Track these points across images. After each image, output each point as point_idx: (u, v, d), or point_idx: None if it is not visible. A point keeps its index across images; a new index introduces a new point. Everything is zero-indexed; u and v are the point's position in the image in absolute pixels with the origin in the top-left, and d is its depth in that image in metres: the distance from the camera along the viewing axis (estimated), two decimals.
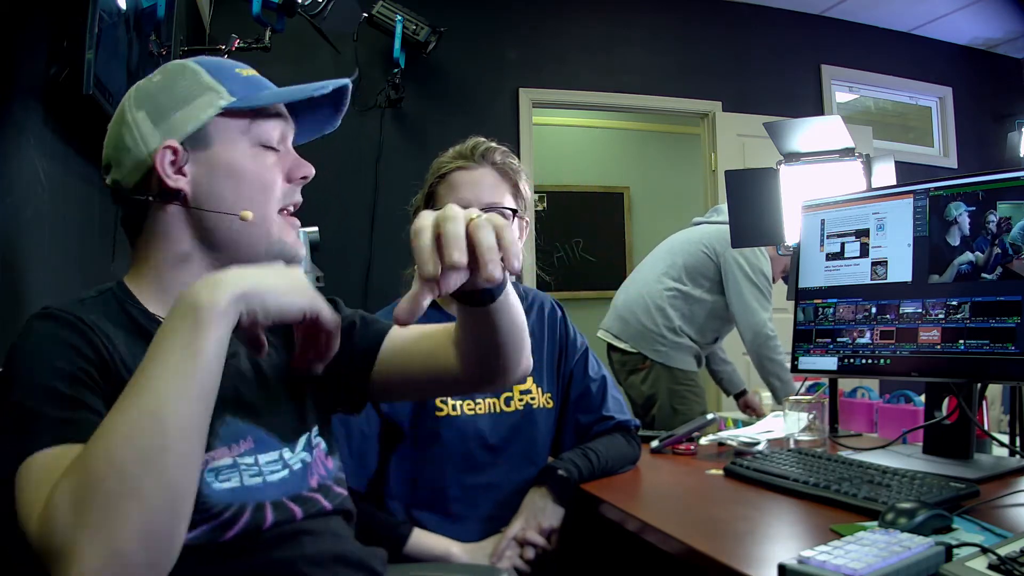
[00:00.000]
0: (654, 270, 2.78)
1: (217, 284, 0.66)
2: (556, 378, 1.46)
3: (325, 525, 0.84)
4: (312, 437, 0.90)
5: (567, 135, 5.32)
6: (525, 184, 1.41)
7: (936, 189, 1.36)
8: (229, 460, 0.78)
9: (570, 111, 4.88)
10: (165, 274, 0.84)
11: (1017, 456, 1.40)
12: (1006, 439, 1.49)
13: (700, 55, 4.31)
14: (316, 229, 2.15)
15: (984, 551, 0.79)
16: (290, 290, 0.71)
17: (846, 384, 2.08)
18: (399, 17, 3.36)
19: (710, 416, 1.76)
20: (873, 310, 1.44)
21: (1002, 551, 0.78)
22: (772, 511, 1.14)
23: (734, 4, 4.41)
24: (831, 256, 1.53)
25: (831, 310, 1.52)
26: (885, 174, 2.02)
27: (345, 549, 0.86)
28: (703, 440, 1.70)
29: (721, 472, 1.37)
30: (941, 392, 1.39)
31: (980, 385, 1.38)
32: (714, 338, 2.78)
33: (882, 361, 1.42)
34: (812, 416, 1.57)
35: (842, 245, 1.51)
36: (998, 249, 1.25)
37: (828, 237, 1.54)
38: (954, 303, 1.31)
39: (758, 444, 1.58)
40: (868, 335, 1.44)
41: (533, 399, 1.41)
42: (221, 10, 3.13)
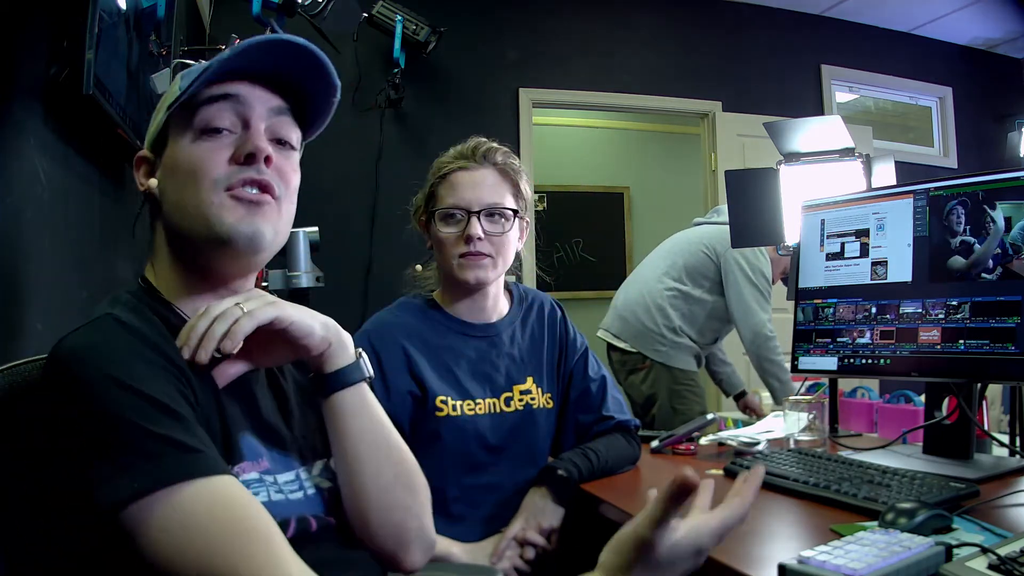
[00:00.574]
0: (654, 270, 2.78)
1: None
2: (556, 378, 1.46)
3: (334, 535, 0.85)
4: (333, 463, 0.89)
5: (567, 135, 5.32)
6: (526, 184, 1.41)
7: (936, 189, 1.36)
8: (256, 475, 0.78)
9: (570, 111, 4.88)
10: (166, 268, 0.85)
11: (1017, 456, 1.40)
12: (1006, 439, 1.49)
13: (700, 55, 4.31)
14: (316, 229, 2.15)
15: (984, 551, 0.79)
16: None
17: (846, 384, 2.08)
18: (399, 17, 3.36)
19: (710, 416, 1.76)
20: (873, 310, 1.44)
21: (1002, 551, 0.78)
22: (772, 511, 1.14)
23: (734, 4, 4.41)
24: (831, 256, 1.53)
25: (831, 310, 1.52)
26: (885, 174, 2.02)
27: (352, 552, 0.86)
28: (703, 440, 1.70)
29: (721, 472, 1.37)
30: (941, 392, 1.39)
31: (980, 385, 1.38)
32: (714, 338, 2.78)
33: (882, 361, 1.42)
34: (812, 416, 1.57)
35: (842, 245, 1.51)
36: (998, 249, 1.25)
37: (828, 237, 1.54)
38: (954, 303, 1.31)
39: (758, 444, 1.58)
40: (868, 335, 1.44)
41: (533, 399, 1.41)
42: (221, 10, 3.12)
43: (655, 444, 1.64)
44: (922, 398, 1.56)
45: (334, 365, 0.83)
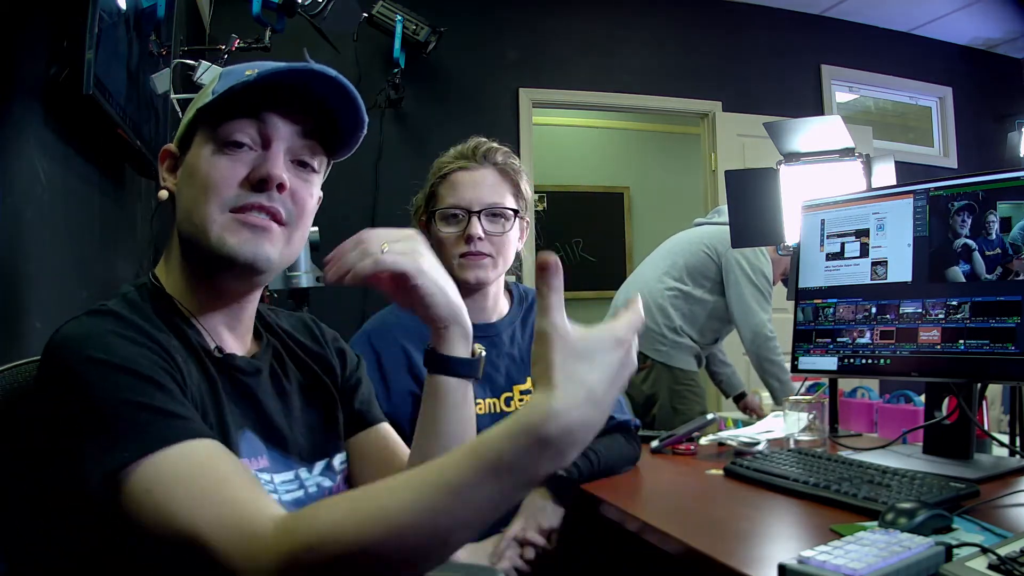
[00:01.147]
0: (655, 270, 2.78)
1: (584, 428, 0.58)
2: None
3: None
4: (336, 462, 0.90)
5: (567, 135, 5.32)
6: (526, 184, 1.41)
7: (936, 189, 1.36)
8: (253, 472, 0.78)
9: (570, 111, 4.88)
10: (176, 267, 0.85)
11: (1017, 456, 1.40)
12: (1006, 439, 1.49)
13: (700, 55, 4.31)
14: (316, 229, 2.15)
15: (984, 551, 0.79)
16: None
17: (846, 384, 2.08)
18: (399, 17, 3.36)
19: (710, 416, 1.76)
20: (873, 310, 1.44)
21: (1002, 551, 0.78)
22: (772, 511, 1.14)
23: (734, 4, 4.41)
24: (831, 256, 1.53)
25: (831, 310, 1.52)
26: (885, 174, 2.02)
27: None
28: (703, 440, 1.70)
29: (721, 472, 1.37)
30: (941, 392, 1.39)
31: (980, 385, 1.38)
32: (714, 339, 2.78)
33: (882, 361, 1.42)
34: (812, 416, 1.56)
35: (842, 245, 1.51)
36: (998, 249, 1.25)
37: (828, 237, 1.54)
38: (954, 303, 1.31)
39: (758, 444, 1.58)
40: (868, 335, 1.44)
41: None
42: (221, 10, 3.13)
43: (655, 444, 1.64)
44: (922, 398, 1.56)
45: (451, 350, 0.87)
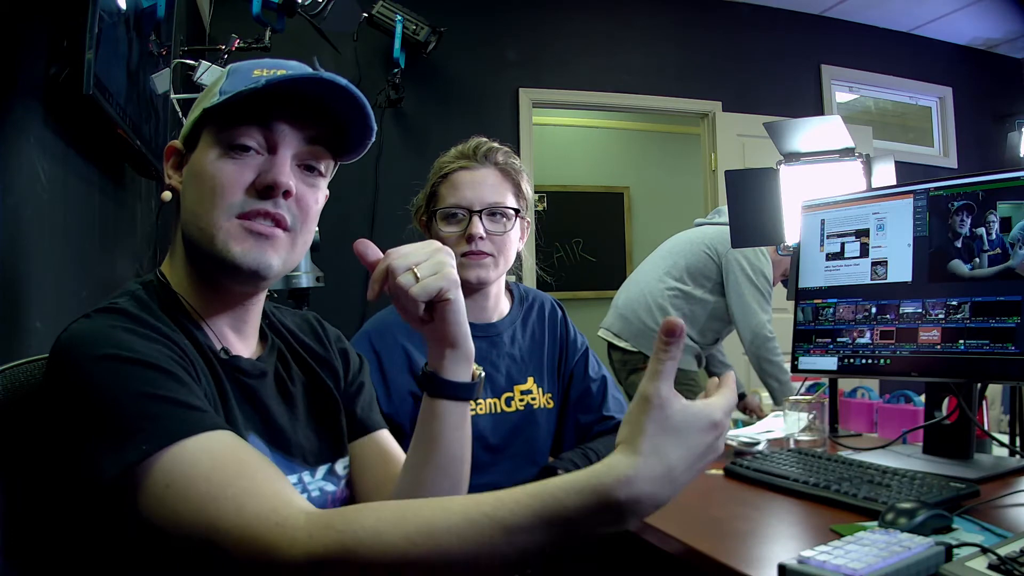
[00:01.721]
0: (656, 270, 2.79)
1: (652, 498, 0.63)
2: (556, 378, 1.46)
3: None
4: (339, 467, 0.90)
5: (567, 135, 5.32)
6: (527, 184, 1.42)
7: (936, 189, 1.36)
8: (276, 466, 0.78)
9: (570, 111, 4.88)
10: (180, 266, 0.84)
11: (1017, 456, 1.40)
12: (1006, 439, 1.49)
13: (700, 55, 4.31)
14: (316, 229, 2.15)
15: (984, 551, 0.79)
16: None
17: (846, 384, 2.08)
18: (399, 17, 3.36)
19: None
20: (873, 310, 1.44)
21: (1002, 551, 0.78)
22: (772, 511, 1.14)
23: (734, 4, 4.41)
24: (831, 256, 1.53)
25: (831, 310, 1.52)
26: (885, 174, 2.02)
27: None
28: None
29: (721, 472, 1.37)
30: (941, 392, 1.39)
31: (980, 385, 1.38)
32: (714, 339, 2.78)
33: (882, 361, 1.42)
34: (812, 416, 1.56)
35: (842, 245, 1.51)
36: (998, 249, 1.25)
37: (828, 237, 1.54)
38: (954, 303, 1.31)
39: (758, 444, 1.58)
40: (868, 335, 1.44)
41: (534, 399, 1.41)
42: (221, 10, 3.13)
43: None
44: (922, 398, 1.56)
45: (453, 374, 0.86)
